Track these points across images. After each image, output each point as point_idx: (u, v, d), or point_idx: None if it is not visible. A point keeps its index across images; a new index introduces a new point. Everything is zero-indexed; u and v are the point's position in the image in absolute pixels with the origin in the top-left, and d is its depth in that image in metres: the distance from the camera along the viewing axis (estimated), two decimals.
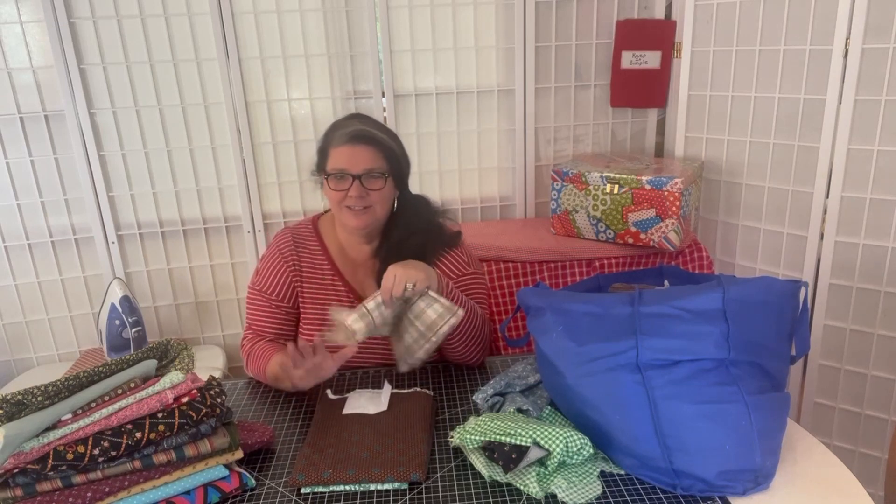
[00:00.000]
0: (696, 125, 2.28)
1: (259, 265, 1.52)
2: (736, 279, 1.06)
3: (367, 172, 1.37)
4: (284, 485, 1.07)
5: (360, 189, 1.37)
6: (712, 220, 2.31)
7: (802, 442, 1.11)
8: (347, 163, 1.37)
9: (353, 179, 1.37)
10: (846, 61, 1.86)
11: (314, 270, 1.49)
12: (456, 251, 1.50)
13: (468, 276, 1.49)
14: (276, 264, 1.49)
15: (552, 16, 2.31)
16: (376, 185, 1.38)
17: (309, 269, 1.49)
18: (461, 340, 1.39)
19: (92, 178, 2.21)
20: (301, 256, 1.49)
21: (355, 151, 1.37)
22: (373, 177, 1.38)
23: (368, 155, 1.37)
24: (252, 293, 1.51)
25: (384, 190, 1.40)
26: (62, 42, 2.08)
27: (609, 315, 1.03)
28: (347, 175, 1.37)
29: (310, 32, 2.23)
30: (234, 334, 2.47)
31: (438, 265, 1.47)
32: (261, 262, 1.52)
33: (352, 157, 1.36)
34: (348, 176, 1.37)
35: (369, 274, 1.49)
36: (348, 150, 1.37)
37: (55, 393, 0.95)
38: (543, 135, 2.44)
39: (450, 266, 1.48)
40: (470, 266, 1.51)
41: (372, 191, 1.38)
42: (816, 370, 2.07)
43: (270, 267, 1.49)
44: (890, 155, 1.84)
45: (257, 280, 1.50)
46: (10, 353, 2.32)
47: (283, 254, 1.49)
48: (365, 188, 1.37)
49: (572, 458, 1.02)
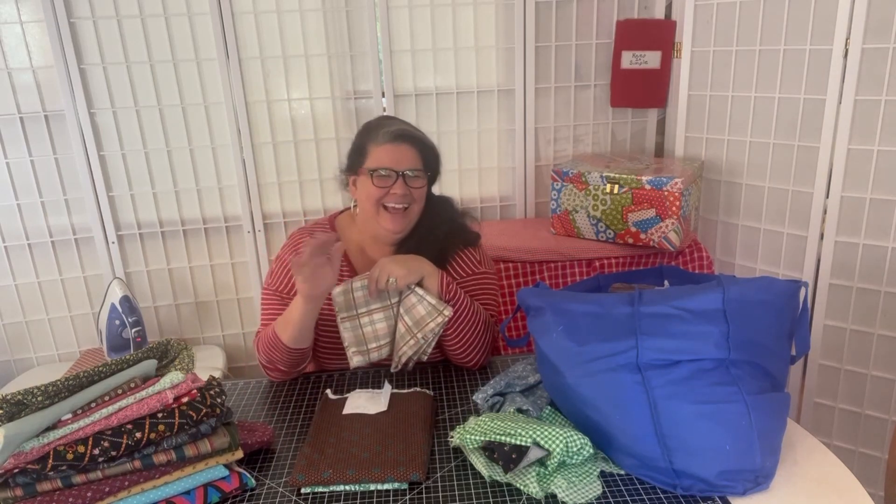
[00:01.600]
0: (696, 125, 2.28)
1: (273, 265, 1.50)
2: (736, 279, 1.06)
3: (410, 171, 1.38)
4: (284, 485, 1.07)
5: (403, 187, 1.38)
6: (712, 220, 2.31)
7: (802, 442, 1.11)
8: (391, 161, 1.37)
9: (398, 176, 1.37)
10: (846, 61, 1.86)
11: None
12: (471, 250, 1.51)
13: (479, 274, 1.50)
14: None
15: (552, 16, 2.31)
16: (418, 183, 1.40)
17: None
18: (459, 339, 1.39)
19: (92, 178, 2.21)
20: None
21: (399, 150, 1.38)
22: (416, 176, 1.39)
23: (411, 154, 1.39)
24: (267, 294, 1.49)
25: (423, 189, 1.42)
26: (62, 42, 2.08)
27: (609, 315, 1.03)
28: (392, 172, 1.37)
29: (310, 32, 2.23)
30: (234, 334, 2.47)
31: (452, 263, 1.48)
32: (275, 262, 1.50)
33: (396, 155, 1.37)
34: (392, 173, 1.37)
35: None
36: (392, 149, 1.38)
37: (55, 393, 0.95)
38: (543, 135, 2.44)
39: (462, 264, 1.49)
40: (482, 265, 1.51)
41: (414, 189, 1.40)
42: (816, 370, 2.07)
43: (286, 267, 1.47)
44: (890, 155, 1.84)
45: (272, 280, 1.48)
46: (10, 353, 2.32)
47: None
48: (408, 186, 1.39)
49: (572, 458, 1.02)
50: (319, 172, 2.35)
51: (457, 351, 1.41)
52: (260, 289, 2.40)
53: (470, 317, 1.39)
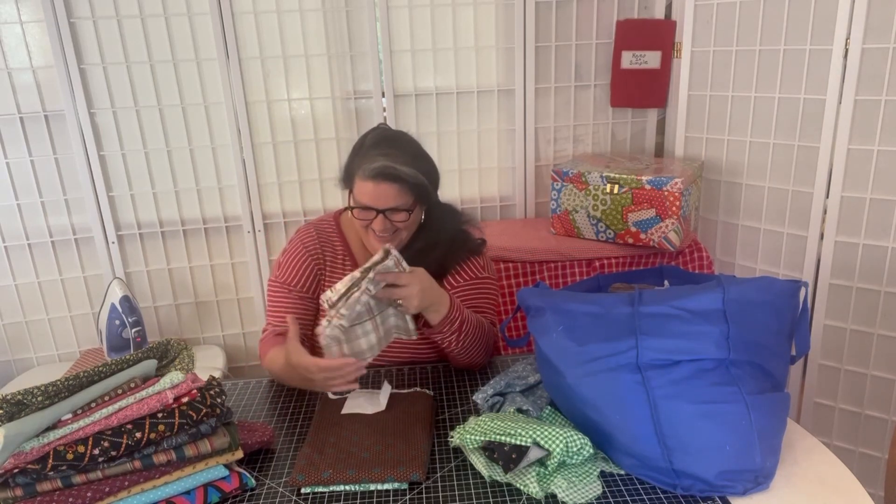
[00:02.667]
0: (696, 125, 2.28)
1: (281, 259, 1.49)
2: (736, 279, 1.06)
3: (391, 209, 1.35)
4: (284, 485, 1.07)
5: (384, 223, 1.35)
6: (712, 220, 2.31)
7: (802, 442, 1.11)
8: (372, 200, 1.34)
9: (378, 213, 1.35)
10: (846, 61, 1.86)
11: (336, 265, 1.49)
12: (475, 258, 1.51)
13: (481, 279, 1.50)
14: (300, 256, 1.47)
15: (552, 16, 2.31)
16: (401, 217, 1.37)
17: (331, 264, 1.49)
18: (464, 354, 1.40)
19: (92, 178, 2.21)
20: (325, 251, 1.49)
21: (380, 189, 1.33)
22: (398, 211, 1.36)
23: (393, 192, 1.33)
24: (274, 287, 1.48)
25: (410, 219, 1.39)
26: (62, 42, 2.08)
27: (609, 315, 1.03)
28: (372, 210, 1.35)
29: (310, 32, 2.23)
30: (234, 334, 2.47)
31: (455, 271, 1.48)
32: (282, 255, 1.50)
33: (376, 195, 1.33)
34: (373, 211, 1.35)
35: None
36: (373, 188, 1.33)
37: (55, 393, 0.95)
38: (543, 135, 2.44)
39: (465, 272, 1.49)
40: (485, 271, 1.51)
41: (397, 222, 1.37)
42: (816, 370, 2.07)
43: (294, 259, 1.47)
44: (890, 155, 1.84)
45: (279, 273, 1.47)
46: (10, 353, 2.32)
47: (307, 246, 1.48)
48: (390, 221, 1.36)
49: (572, 458, 1.02)
50: (319, 172, 2.35)
51: (460, 361, 1.43)
52: (260, 289, 2.40)
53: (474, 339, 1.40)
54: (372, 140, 1.40)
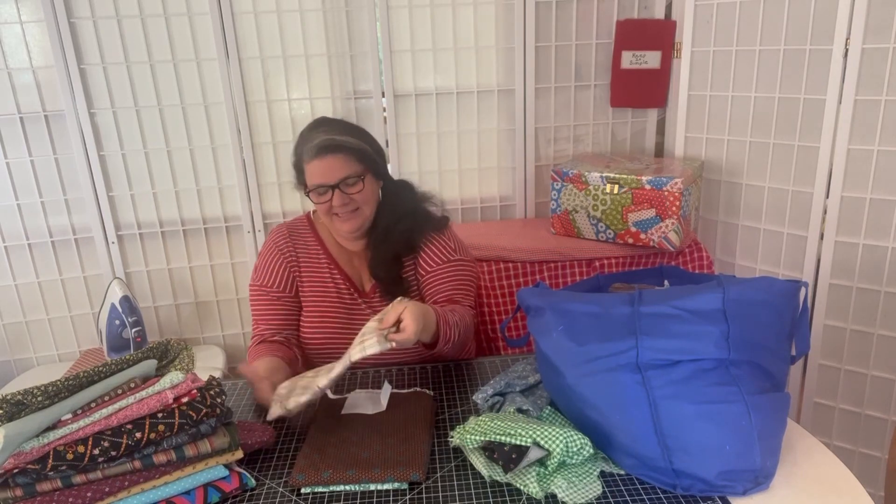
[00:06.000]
0: (696, 125, 2.28)
1: (257, 262, 1.53)
2: (736, 279, 1.06)
3: (342, 180, 1.39)
4: (284, 485, 1.07)
5: (341, 197, 1.40)
6: (712, 220, 2.31)
7: (802, 442, 1.11)
8: (322, 176, 1.38)
9: (332, 189, 1.39)
10: (846, 61, 1.86)
11: (311, 262, 1.52)
12: (443, 237, 1.52)
13: (455, 262, 1.51)
14: (274, 258, 1.51)
15: (552, 16, 2.31)
16: (356, 188, 1.41)
17: (306, 261, 1.51)
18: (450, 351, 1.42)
19: (92, 178, 2.21)
20: (298, 249, 1.52)
21: (326, 163, 1.38)
22: (349, 182, 1.40)
23: (339, 163, 1.38)
24: (253, 290, 1.52)
25: (366, 190, 1.42)
26: (62, 42, 2.08)
27: (609, 315, 1.03)
28: (326, 187, 1.39)
29: (310, 32, 2.23)
30: (234, 334, 2.47)
31: (425, 250, 1.49)
32: (258, 258, 1.54)
33: (325, 170, 1.38)
34: (327, 188, 1.39)
35: (362, 263, 1.53)
36: (319, 164, 1.38)
37: (55, 393, 0.95)
38: (543, 135, 2.44)
39: (436, 252, 1.50)
40: (457, 252, 1.52)
41: (353, 195, 1.41)
42: (816, 370, 2.07)
43: (268, 262, 1.51)
44: (890, 155, 1.84)
45: (256, 276, 1.52)
46: (10, 353, 2.32)
47: (280, 248, 1.51)
48: (346, 194, 1.40)
49: (572, 458, 1.02)
50: None
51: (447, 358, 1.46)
52: None
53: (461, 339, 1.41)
54: (307, 127, 1.46)
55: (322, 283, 1.51)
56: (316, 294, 1.50)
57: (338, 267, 1.51)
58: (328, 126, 1.44)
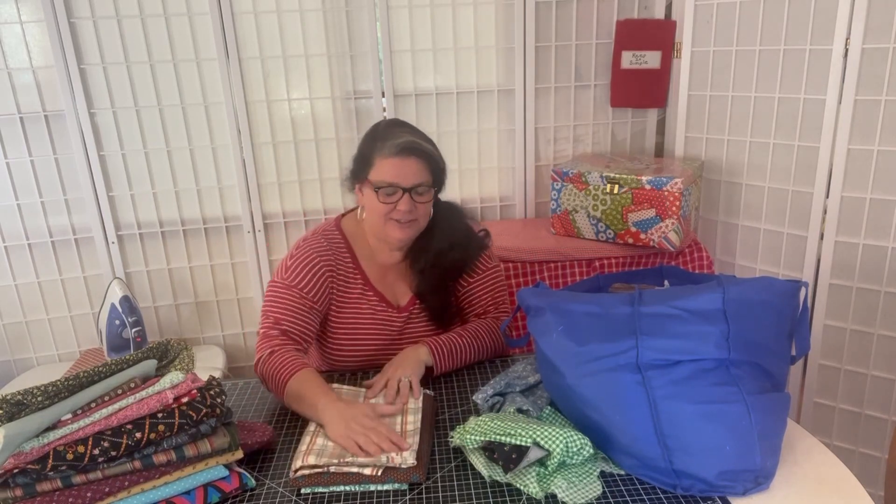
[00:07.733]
0: (696, 125, 2.28)
1: (290, 262, 1.41)
2: (736, 279, 1.06)
3: (416, 186, 1.35)
4: (284, 485, 1.07)
5: (409, 203, 1.35)
6: (712, 220, 2.31)
7: (802, 442, 1.11)
8: (398, 176, 1.33)
9: (404, 193, 1.34)
10: (846, 61, 1.86)
11: (346, 277, 1.46)
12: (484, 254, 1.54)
13: (490, 271, 1.53)
14: (315, 265, 1.41)
15: (552, 16, 2.31)
16: (425, 198, 1.38)
17: (343, 276, 1.45)
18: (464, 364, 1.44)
19: (92, 178, 2.21)
20: (337, 262, 1.45)
21: (406, 164, 1.33)
22: (420, 191, 1.36)
23: (418, 168, 1.34)
24: (281, 288, 1.39)
25: (430, 202, 1.41)
26: (62, 42, 2.08)
27: (609, 315, 1.03)
28: (398, 188, 1.34)
29: (310, 32, 2.23)
30: (234, 334, 2.47)
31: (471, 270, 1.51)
32: (292, 259, 1.42)
33: (402, 171, 1.33)
34: (398, 189, 1.34)
35: (398, 278, 1.49)
36: (399, 163, 1.33)
37: (55, 393, 0.95)
38: (543, 135, 2.44)
39: (479, 267, 1.52)
40: (492, 260, 1.55)
41: (420, 203, 1.37)
42: (816, 370, 2.07)
43: (308, 267, 1.40)
44: (890, 155, 1.84)
45: (290, 276, 1.39)
46: (10, 353, 2.32)
47: (323, 256, 1.42)
48: (414, 202, 1.36)
49: (572, 459, 1.02)
50: (319, 172, 2.35)
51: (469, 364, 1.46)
52: (260, 289, 2.39)
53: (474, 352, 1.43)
54: (387, 124, 1.42)
55: (354, 300, 1.45)
56: (348, 310, 1.45)
57: (369, 283, 1.46)
58: (409, 129, 1.40)
